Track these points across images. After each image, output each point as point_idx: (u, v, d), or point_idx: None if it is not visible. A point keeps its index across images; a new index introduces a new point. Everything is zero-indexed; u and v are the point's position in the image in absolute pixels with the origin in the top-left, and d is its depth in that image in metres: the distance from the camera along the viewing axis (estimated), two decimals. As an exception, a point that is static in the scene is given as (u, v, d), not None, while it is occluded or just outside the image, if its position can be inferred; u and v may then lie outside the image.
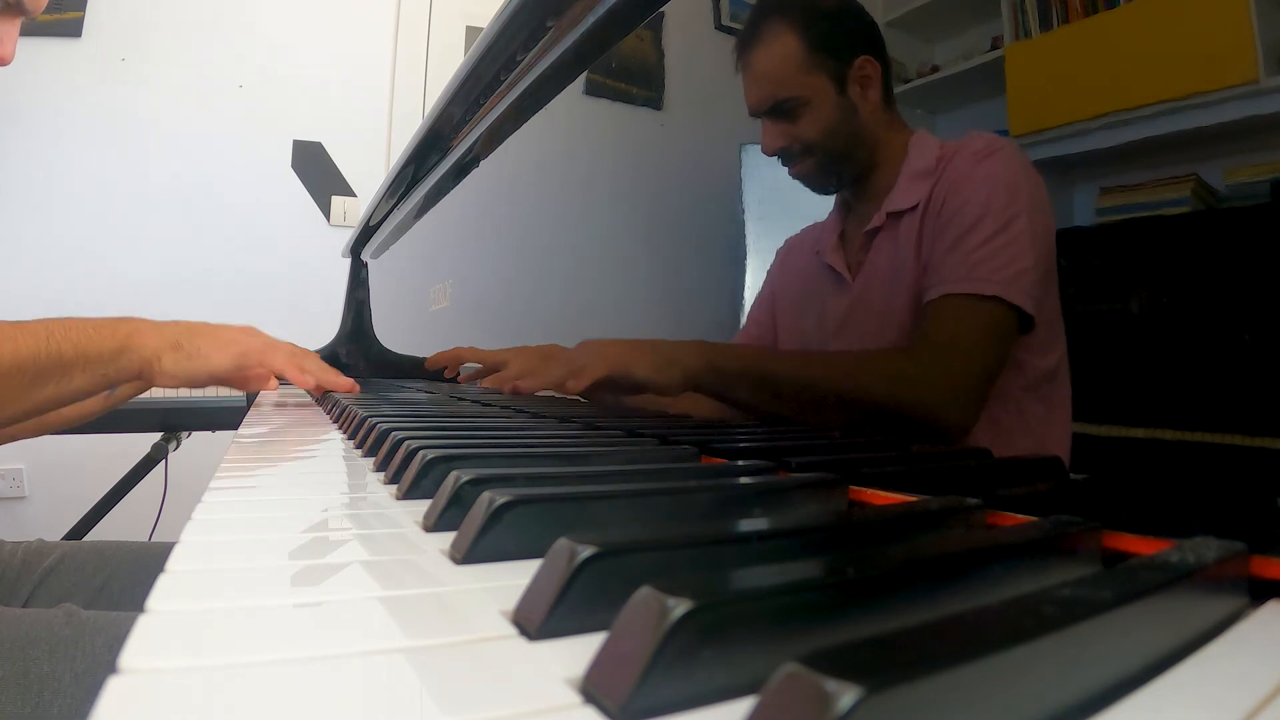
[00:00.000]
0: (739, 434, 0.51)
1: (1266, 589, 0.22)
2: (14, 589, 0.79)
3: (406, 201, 1.53)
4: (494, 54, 0.94)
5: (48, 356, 0.66)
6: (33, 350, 0.66)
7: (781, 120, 0.50)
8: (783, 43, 0.51)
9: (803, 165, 0.51)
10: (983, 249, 0.39)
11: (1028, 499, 0.30)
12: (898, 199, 0.44)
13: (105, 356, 0.70)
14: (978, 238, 0.40)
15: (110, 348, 0.70)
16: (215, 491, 0.35)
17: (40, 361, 0.66)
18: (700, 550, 0.22)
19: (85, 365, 0.69)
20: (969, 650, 0.13)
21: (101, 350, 0.70)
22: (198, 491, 0.35)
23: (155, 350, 0.72)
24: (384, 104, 2.58)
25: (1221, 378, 0.28)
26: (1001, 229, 0.39)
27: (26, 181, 2.23)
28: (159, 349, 0.72)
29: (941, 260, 0.41)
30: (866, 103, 0.46)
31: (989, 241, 0.39)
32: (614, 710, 0.15)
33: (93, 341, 0.69)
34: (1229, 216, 0.28)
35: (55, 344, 0.67)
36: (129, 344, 0.71)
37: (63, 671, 0.55)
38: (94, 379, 0.70)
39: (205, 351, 0.74)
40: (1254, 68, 0.27)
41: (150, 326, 0.74)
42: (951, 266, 0.40)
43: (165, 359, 0.72)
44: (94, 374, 0.70)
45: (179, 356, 0.73)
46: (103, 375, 0.70)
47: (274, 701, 0.15)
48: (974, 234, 0.40)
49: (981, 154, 0.40)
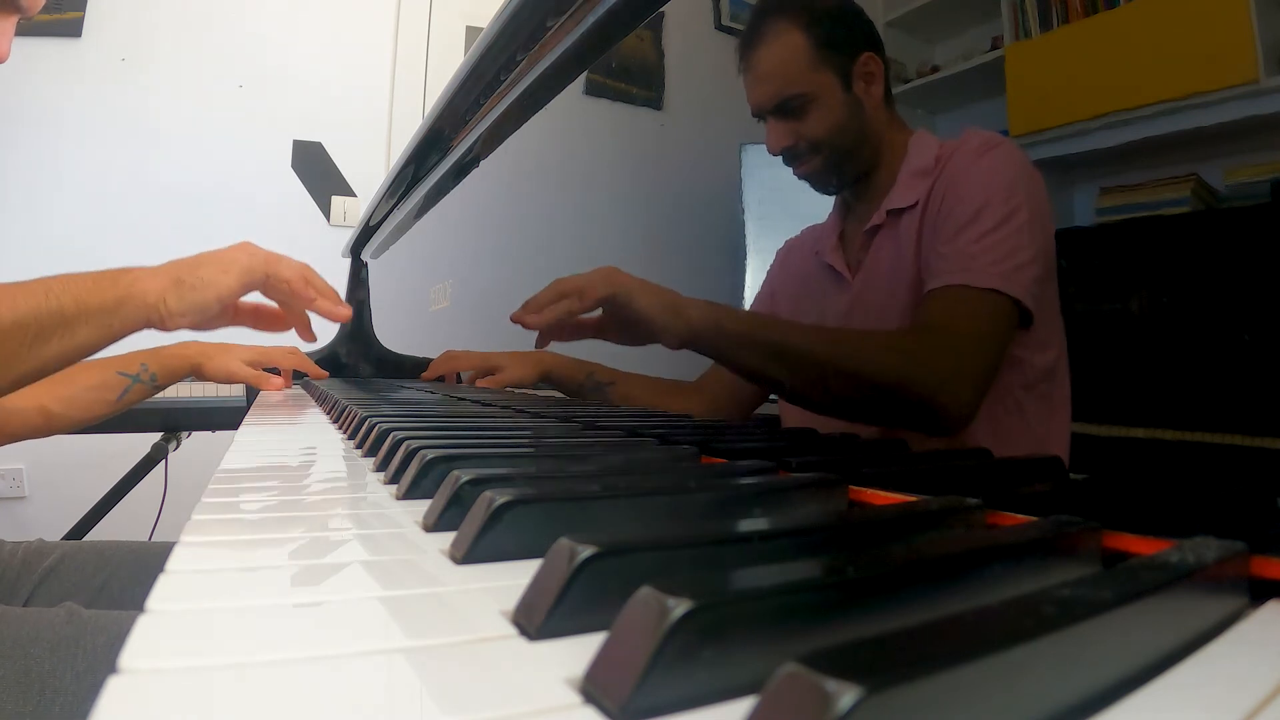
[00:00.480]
0: (739, 434, 0.51)
1: (1266, 589, 0.22)
2: (14, 589, 0.79)
3: (406, 201, 1.53)
4: (494, 54, 0.94)
5: (48, 313, 0.65)
6: (32, 307, 0.64)
7: (788, 119, 0.50)
8: (788, 41, 0.51)
9: (810, 164, 0.51)
10: (982, 241, 0.39)
11: (1028, 499, 0.30)
12: (898, 197, 0.44)
13: (108, 307, 0.68)
14: (977, 230, 0.40)
15: (112, 297, 0.68)
16: (215, 492, 0.35)
17: (41, 318, 0.65)
18: (700, 550, 0.22)
19: (88, 318, 0.67)
20: (969, 650, 0.13)
21: (104, 301, 0.67)
22: (198, 491, 0.35)
23: (159, 293, 0.69)
24: (384, 104, 2.58)
25: (1221, 378, 0.28)
26: (1001, 223, 0.39)
27: (26, 181, 2.23)
28: (162, 290, 0.69)
29: (941, 252, 0.41)
30: (871, 99, 0.46)
31: (988, 235, 0.39)
32: (614, 710, 0.15)
33: (93, 294, 0.67)
34: (1229, 216, 0.28)
35: (55, 299, 0.65)
36: (131, 292, 0.69)
37: (64, 670, 0.55)
38: (99, 331, 0.68)
39: (209, 278, 0.71)
40: (1254, 68, 0.27)
41: (150, 272, 0.71)
42: (951, 258, 0.40)
43: (170, 298, 0.69)
44: (98, 326, 0.68)
45: (183, 291, 0.70)
46: (107, 327, 0.68)
47: (274, 701, 0.15)
48: (973, 227, 0.40)
49: (979, 150, 0.40)
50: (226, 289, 0.72)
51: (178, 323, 0.71)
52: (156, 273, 0.71)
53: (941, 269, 0.41)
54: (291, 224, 2.45)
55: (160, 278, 0.70)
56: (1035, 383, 0.37)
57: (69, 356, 0.68)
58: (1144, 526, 0.25)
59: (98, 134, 2.29)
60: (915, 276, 0.43)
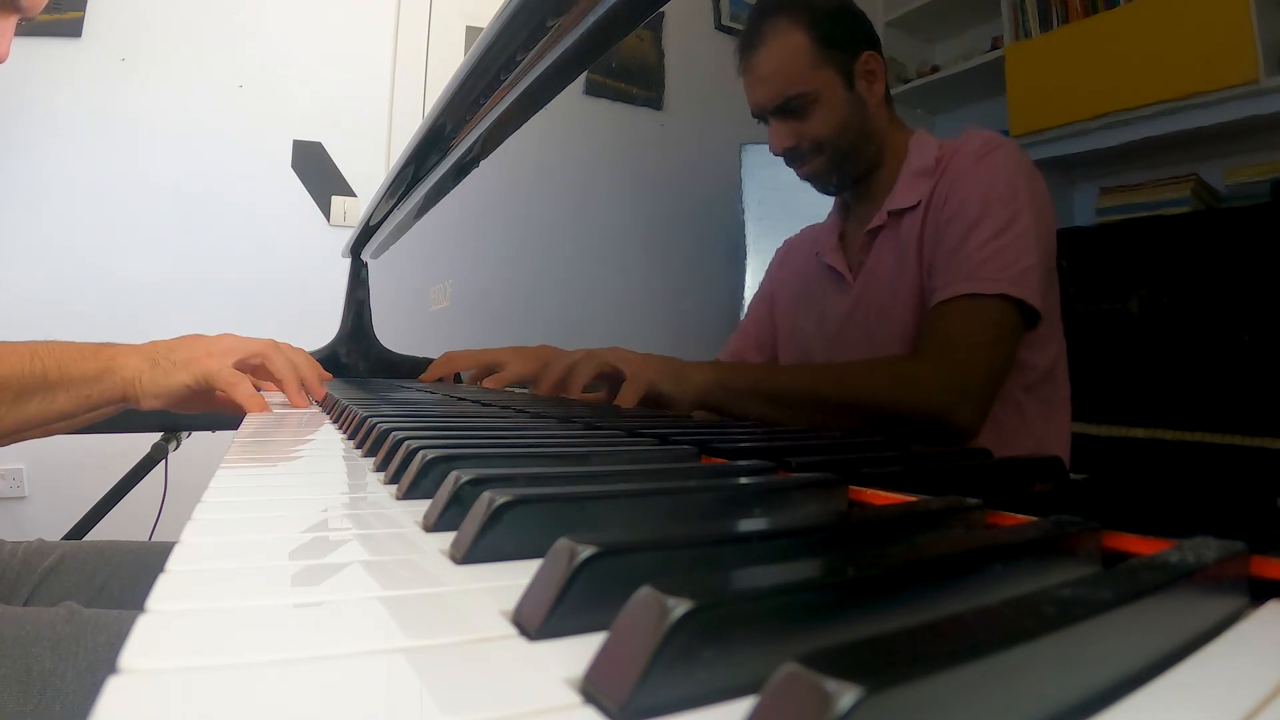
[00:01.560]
0: (739, 434, 0.51)
1: (1266, 589, 0.22)
2: (14, 589, 0.79)
3: (406, 201, 1.53)
4: (494, 54, 0.94)
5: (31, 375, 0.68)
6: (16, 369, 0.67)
7: (790, 118, 0.50)
8: (789, 40, 0.51)
9: (812, 164, 0.50)
10: (986, 248, 0.39)
11: (1028, 499, 0.30)
12: (899, 198, 0.44)
13: (89, 378, 0.71)
14: (981, 236, 0.40)
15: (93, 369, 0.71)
16: (215, 491, 0.35)
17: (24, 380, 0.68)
18: (700, 550, 0.22)
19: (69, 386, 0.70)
20: (969, 650, 0.13)
21: (85, 372, 0.70)
22: (198, 491, 0.35)
23: (136, 370, 0.73)
24: (384, 104, 2.58)
25: (1221, 378, 0.28)
26: (1004, 227, 0.39)
27: (26, 181, 2.23)
28: (139, 369, 0.73)
29: (946, 262, 0.41)
30: (873, 98, 0.46)
31: (992, 240, 0.39)
32: (614, 710, 0.15)
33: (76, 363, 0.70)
34: (1229, 216, 0.28)
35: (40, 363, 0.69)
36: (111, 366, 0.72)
37: (64, 669, 0.55)
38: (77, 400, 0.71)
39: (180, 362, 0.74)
40: (1254, 68, 0.27)
41: (132, 349, 0.75)
42: (956, 267, 0.40)
43: (145, 378, 0.73)
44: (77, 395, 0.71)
45: (156, 374, 0.73)
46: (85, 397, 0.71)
47: (274, 701, 0.15)
48: (977, 233, 0.40)
49: (980, 152, 0.40)
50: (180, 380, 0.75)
51: (149, 402, 0.74)
52: (137, 350, 0.75)
53: (947, 280, 0.41)
54: (291, 224, 2.45)
55: (139, 356, 0.74)
56: (1036, 384, 0.37)
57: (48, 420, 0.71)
58: (1144, 526, 0.25)
59: (98, 134, 2.29)
60: (917, 278, 0.43)
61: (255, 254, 2.37)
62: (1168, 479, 0.29)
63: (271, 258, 2.38)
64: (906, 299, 0.44)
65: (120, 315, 2.13)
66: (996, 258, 0.38)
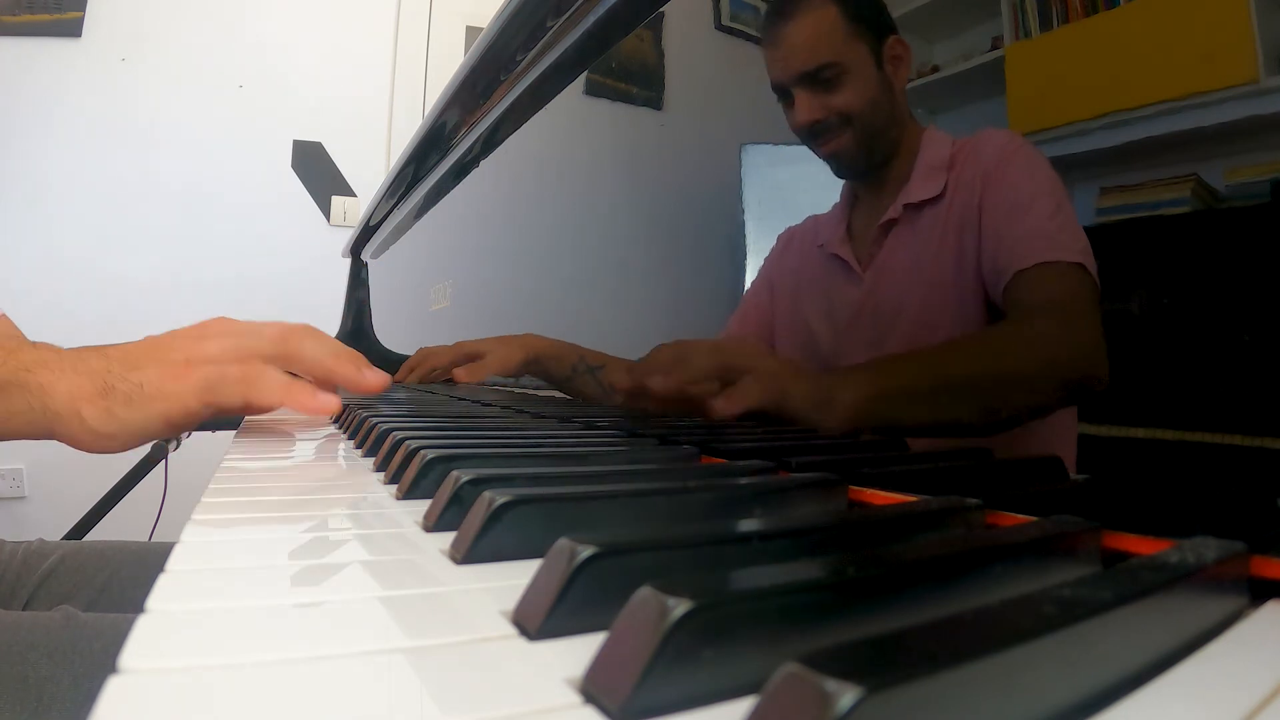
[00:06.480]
0: (739, 434, 0.51)
1: (1266, 589, 0.22)
2: (14, 590, 0.79)
3: (406, 201, 1.53)
4: (494, 54, 0.94)
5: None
6: None
7: (819, 90, 0.49)
8: (825, 12, 0.51)
9: (839, 139, 0.49)
10: (1055, 219, 0.37)
11: (1028, 499, 0.30)
12: (915, 190, 0.44)
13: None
14: (1044, 211, 0.38)
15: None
16: (215, 491, 0.35)
17: None
18: (700, 550, 0.22)
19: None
20: (969, 650, 0.13)
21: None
22: (198, 491, 0.35)
23: (69, 398, 0.46)
24: (384, 104, 2.59)
25: (1221, 378, 0.28)
26: (1059, 207, 0.37)
27: (26, 181, 2.23)
28: (75, 395, 0.46)
29: (1018, 235, 0.39)
30: (899, 82, 0.46)
31: (1055, 215, 0.38)
32: (614, 710, 0.15)
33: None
34: (1229, 216, 0.28)
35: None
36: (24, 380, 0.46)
37: (61, 675, 0.55)
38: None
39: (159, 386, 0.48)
40: (1254, 68, 0.27)
41: (71, 360, 0.47)
42: (1031, 237, 0.38)
43: (87, 411, 0.46)
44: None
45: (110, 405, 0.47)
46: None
47: (274, 701, 0.15)
48: (1036, 209, 0.38)
49: (1014, 145, 0.39)
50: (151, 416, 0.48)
51: (90, 444, 0.47)
52: (78, 362, 0.47)
53: (1024, 250, 0.39)
54: (291, 224, 2.45)
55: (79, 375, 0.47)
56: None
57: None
58: (1144, 526, 0.25)
59: (98, 134, 2.29)
60: (937, 274, 0.42)
61: (255, 254, 2.37)
62: (1168, 479, 0.29)
63: (271, 258, 2.38)
64: (925, 293, 0.43)
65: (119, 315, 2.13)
66: (1064, 230, 0.37)
